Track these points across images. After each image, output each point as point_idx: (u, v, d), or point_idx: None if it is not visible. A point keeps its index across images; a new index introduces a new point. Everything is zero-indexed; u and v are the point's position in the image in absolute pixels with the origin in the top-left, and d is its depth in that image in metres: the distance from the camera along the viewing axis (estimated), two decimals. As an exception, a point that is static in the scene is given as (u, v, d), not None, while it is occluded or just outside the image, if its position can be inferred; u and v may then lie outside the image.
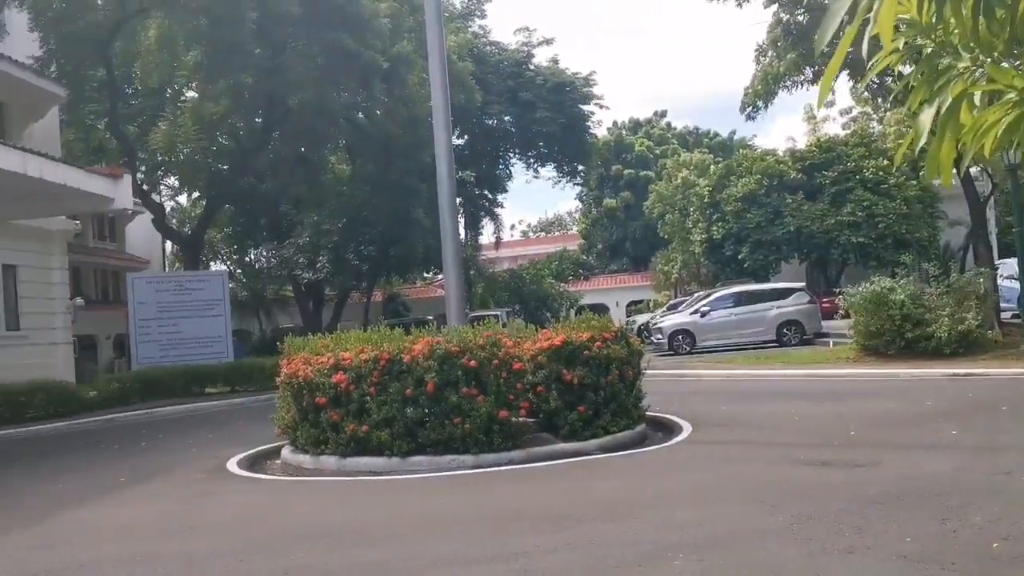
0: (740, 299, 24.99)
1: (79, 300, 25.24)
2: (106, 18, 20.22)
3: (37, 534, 6.65)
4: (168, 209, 30.81)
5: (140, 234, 33.36)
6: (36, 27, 19.13)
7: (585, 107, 38.80)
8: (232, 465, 9.38)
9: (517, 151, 40.82)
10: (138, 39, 21.07)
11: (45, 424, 15.61)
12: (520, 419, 8.54)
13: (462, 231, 35.72)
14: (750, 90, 26.56)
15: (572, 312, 41.40)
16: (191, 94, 24.33)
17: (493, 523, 5.98)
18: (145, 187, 25.09)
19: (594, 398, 8.83)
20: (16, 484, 9.38)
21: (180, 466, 9.78)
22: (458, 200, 11.23)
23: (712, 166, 39.69)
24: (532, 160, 41.42)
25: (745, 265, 33.35)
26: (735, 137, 59.92)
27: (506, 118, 37.59)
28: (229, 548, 5.76)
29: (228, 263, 38.08)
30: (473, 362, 8.34)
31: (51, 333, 21.65)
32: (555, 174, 44.36)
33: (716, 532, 5.33)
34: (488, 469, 8.04)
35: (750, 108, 26.95)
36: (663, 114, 64.44)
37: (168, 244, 35.27)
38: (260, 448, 10.20)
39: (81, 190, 13.83)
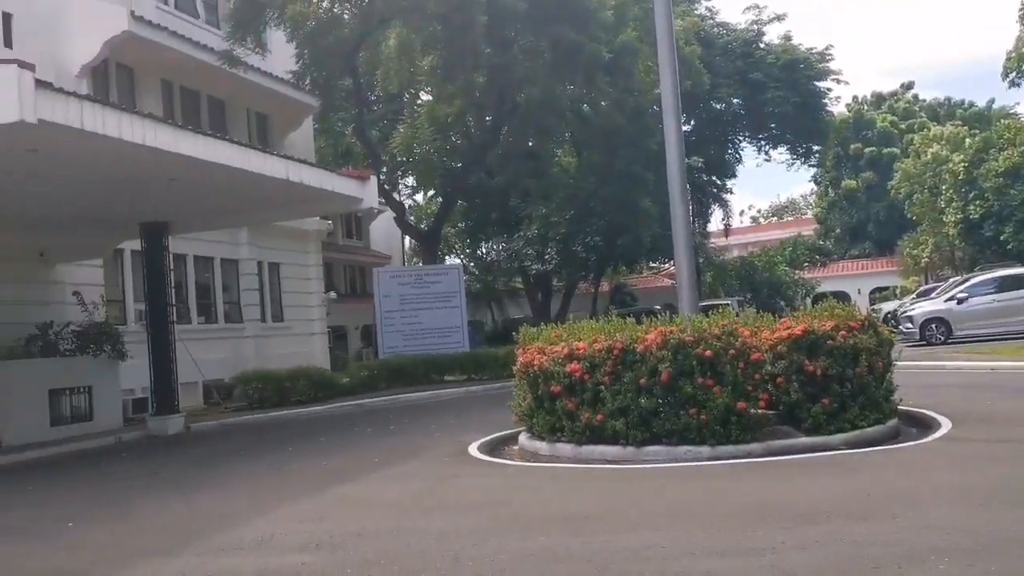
0: (1005, 284, 22.75)
1: (332, 294, 27.54)
2: (352, 31, 21.78)
3: (308, 507, 7.31)
4: (407, 207, 32.65)
5: (382, 231, 35.80)
6: (293, 39, 20.92)
7: (821, 84, 36.76)
8: (473, 449, 9.81)
9: (747, 134, 39.42)
10: (379, 49, 22.51)
11: (306, 407, 17.14)
12: (759, 411, 8.26)
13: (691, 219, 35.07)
14: (1013, 54, 24.22)
15: (808, 300, 39.60)
16: (427, 97, 25.62)
17: (734, 516, 5.83)
18: (387, 187, 26.75)
19: (839, 390, 8.35)
20: (287, 462, 10.35)
21: (426, 449, 10.38)
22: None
23: (968, 139, 36.44)
24: (763, 143, 39.85)
25: (1008, 247, 30.52)
26: (994, 107, 54.36)
27: (735, 100, 36.38)
28: (474, 528, 6.04)
29: (462, 257, 39.78)
30: (708, 352, 8.17)
31: (309, 324, 23.80)
32: (788, 156, 42.58)
33: (985, 537, 4.88)
34: (725, 461, 7.85)
35: (1013, 74, 24.60)
36: (909, 86, 59.74)
37: (407, 240, 37.44)
38: (498, 434, 10.57)
39: (335, 192, 14.95)
